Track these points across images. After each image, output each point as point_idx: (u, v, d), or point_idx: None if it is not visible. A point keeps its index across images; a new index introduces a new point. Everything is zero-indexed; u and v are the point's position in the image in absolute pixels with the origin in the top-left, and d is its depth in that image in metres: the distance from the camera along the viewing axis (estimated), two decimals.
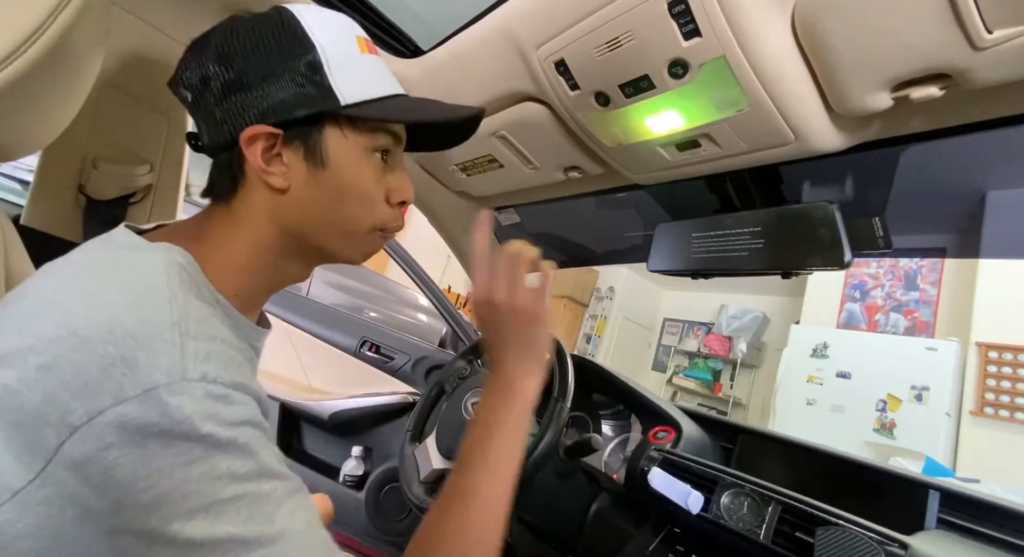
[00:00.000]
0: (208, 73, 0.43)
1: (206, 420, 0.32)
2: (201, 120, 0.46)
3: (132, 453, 0.30)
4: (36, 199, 0.83)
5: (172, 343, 0.33)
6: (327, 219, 0.46)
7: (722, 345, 5.23)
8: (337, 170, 0.45)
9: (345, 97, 0.44)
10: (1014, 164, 0.64)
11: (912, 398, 3.24)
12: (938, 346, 3.25)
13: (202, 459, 0.32)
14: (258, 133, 0.42)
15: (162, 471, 0.31)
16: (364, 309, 2.41)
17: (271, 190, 0.44)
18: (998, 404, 3.01)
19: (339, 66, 0.44)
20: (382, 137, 0.47)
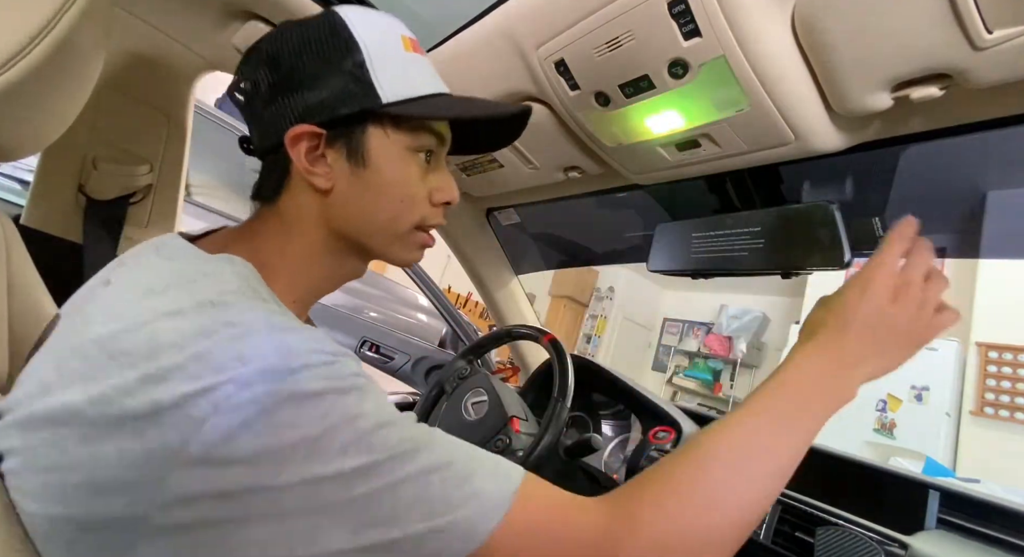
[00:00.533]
0: (257, 77, 0.44)
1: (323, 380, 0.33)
2: (252, 123, 0.47)
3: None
4: (36, 199, 0.83)
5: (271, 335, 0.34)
6: (370, 219, 0.46)
7: (722, 345, 5.23)
8: (379, 169, 0.45)
9: (387, 95, 0.43)
10: (1014, 164, 0.64)
11: (912, 398, 3.24)
12: (938, 346, 3.25)
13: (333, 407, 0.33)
14: (302, 132, 0.43)
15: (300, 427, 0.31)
16: (364, 309, 2.41)
17: (315, 191, 0.45)
18: (998, 404, 3.01)
19: (383, 64, 0.44)
20: (425, 136, 0.47)
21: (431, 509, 0.33)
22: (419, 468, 0.34)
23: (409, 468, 0.33)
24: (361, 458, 0.32)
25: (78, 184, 0.85)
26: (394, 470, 0.33)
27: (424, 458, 0.34)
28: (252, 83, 0.44)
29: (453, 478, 0.34)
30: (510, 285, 1.31)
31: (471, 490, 0.34)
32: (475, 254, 1.25)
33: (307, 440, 0.31)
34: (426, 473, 0.34)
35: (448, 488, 0.34)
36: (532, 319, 1.34)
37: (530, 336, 1.00)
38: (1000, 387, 3.03)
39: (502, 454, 0.85)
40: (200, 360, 0.31)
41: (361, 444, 0.32)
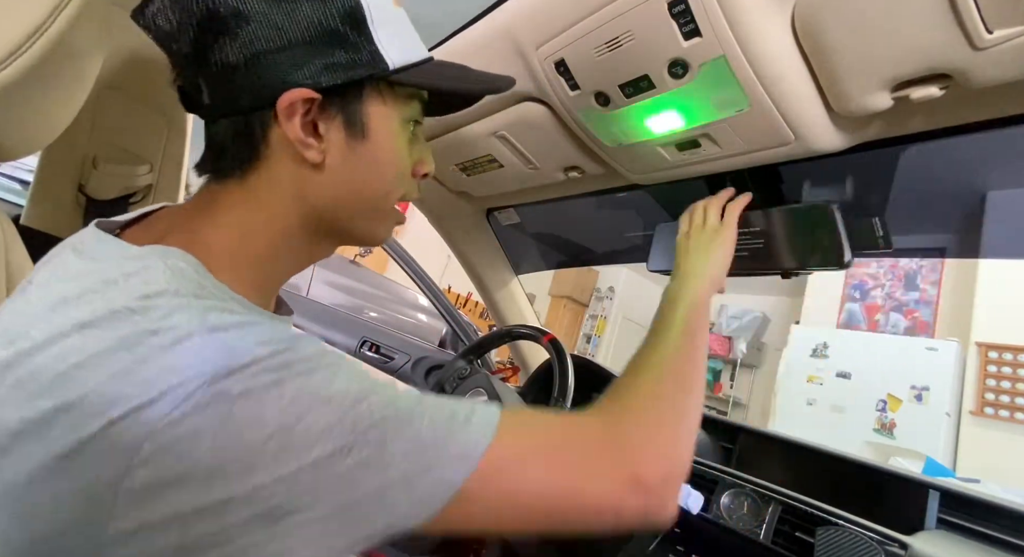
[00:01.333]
0: (217, 14, 0.34)
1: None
2: (204, 77, 0.37)
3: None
4: (36, 199, 0.83)
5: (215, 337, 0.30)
6: (360, 195, 0.41)
7: (722, 345, 5.23)
8: (378, 142, 0.40)
9: (393, 61, 0.38)
10: (1014, 164, 0.64)
11: (912, 398, 3.24)
12: (938, 346, 3.25)
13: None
14: (299, 97, 0.36)
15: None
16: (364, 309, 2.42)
17: (301, 164, 0.38)
18: (998, 404, 3.01)
19: (382, 22, 0.38)
20: (416, 106, 0.43)
21: (423, 453, 0.31)
22: (405, 426, 0.32)
23: (394, 430, 0.31)
24: (345, 438, 0.29)
25: (78, 184, 0.85)
26: (382, 437, 0.30)
27: (406, 416, 0.32)
28: (207, 18, 0.35)
29: (441, 419, 0.33)
30: (510, 285, 1.31)
31: (459, 423, 0.33)
32: (475, 254, 1.25)
33: (277, 434, 0.28)
34: (410, 423, 0.32)
35: (438, 430, 0.32)
36: (532, 319, 1.34)
37: (530, 336, 1.00)
38: (1000, 387, 3.03)
39: None
40: (121, 379, 0.27)
41: (344, 423, 0.29)
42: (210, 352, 0.29)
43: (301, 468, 0.28)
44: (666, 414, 0.44)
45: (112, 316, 0.29)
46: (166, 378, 0.27)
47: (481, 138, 0.84)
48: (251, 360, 0.29)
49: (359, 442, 0.29)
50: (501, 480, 0.33)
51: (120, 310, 0.29)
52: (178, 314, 0.30)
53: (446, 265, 4.19)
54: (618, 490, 0.37)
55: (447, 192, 1.10)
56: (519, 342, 1.29)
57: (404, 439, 0.31)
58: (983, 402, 3.06)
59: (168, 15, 0.36)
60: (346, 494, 0.29)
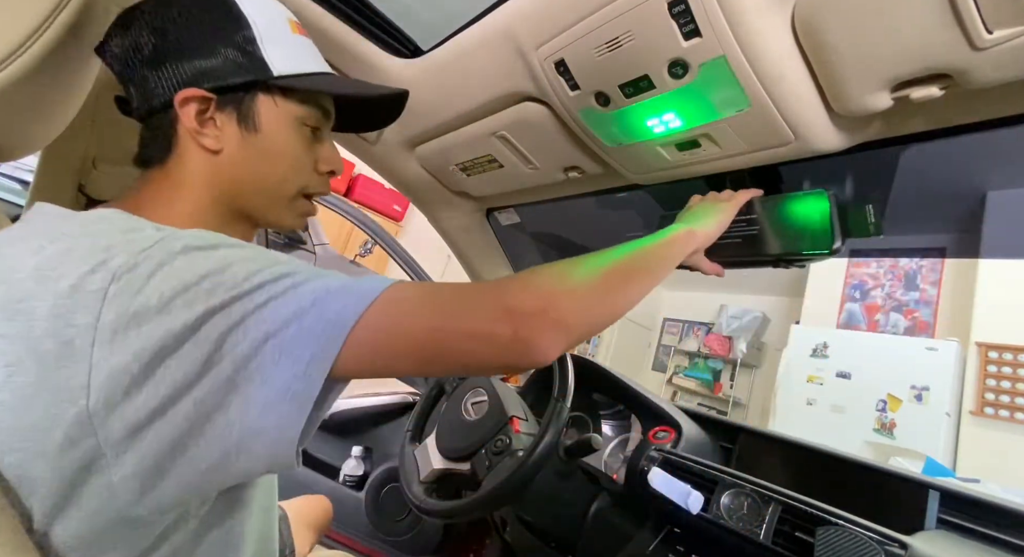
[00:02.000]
0: (140, 41, 0.46)
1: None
2: (132, 86, 0.48)
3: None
4: (36, 199, 0.83)
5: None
6: (258, 181, 0.49)
7: (722, 345, 5.23)
8: (268, 135, 0.48)
9: (277, 69, 0.47)
10: (1014, 164, 0.64)
11: (912, 398, 3.24)
12: (938, 346, 3.25)
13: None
14: (192, 96, 0.45)
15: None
16: None
17: (204, 151, 0.47)
18: (998, 404, 3.01)
19: (272, 41, 0.48)
20: (311, 109, 0.51)
21: (328, 288, 0.38)
22: (315, 278, 0.39)
23: (304, 278, 0.38)
24: (263, 279, 0.36)
25: (78, 184, 0.85)
26: (296, 281, 0.38)
27: (316, 273, 0.39)
28: (133, 45, 0.46)
29: (344, 275, 0.40)
30: None
31: (362, 276, 0.41)
32: (475, 254, 1.25)
33: (209, 276, 0.35)
34: (320, 276, 0.39)
35: (344, 279, 0.39)
36: None
37: None
38: (1000, 387, 3.03)
39: (502, 454, 0.85)
40: (88, 250, 0.35)
41: (263, 272, 0.37)
42: (159, 232, 0.37)
43: (228, 299, 0.35)
44: (569, 275, 0.46)
45: (79, 227, 0.38)
46: (121, 241, 0.36)
47: (481, 138, 0.84)
48: (189, 234, 0.38)
49: (277, 281, 0.37)
50: (386, 317, 0.39)
51: (85, 224, 0.39)
52: (131, 219, 0.39)
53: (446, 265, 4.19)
54: (490, 317, 0.40)
55: (447, 192, 1.10)
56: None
57: (313, 283, 0.38)
58: (983, 402, 3.06)
59: (115, 44, 0.47)
60: (268, 323, 0.36)
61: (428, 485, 0.92)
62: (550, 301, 0.42)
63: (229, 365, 0.35)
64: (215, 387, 0.34)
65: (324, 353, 0.36)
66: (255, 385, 0.35)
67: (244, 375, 0.35)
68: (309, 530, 0.96)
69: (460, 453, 0.90)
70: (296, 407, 0.36)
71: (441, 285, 0.43)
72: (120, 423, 0.33)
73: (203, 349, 0.34)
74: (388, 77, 0.82)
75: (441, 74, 0.79)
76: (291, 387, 0.36)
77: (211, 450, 0.35)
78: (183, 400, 0.34)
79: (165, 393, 0.34)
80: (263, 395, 0.35)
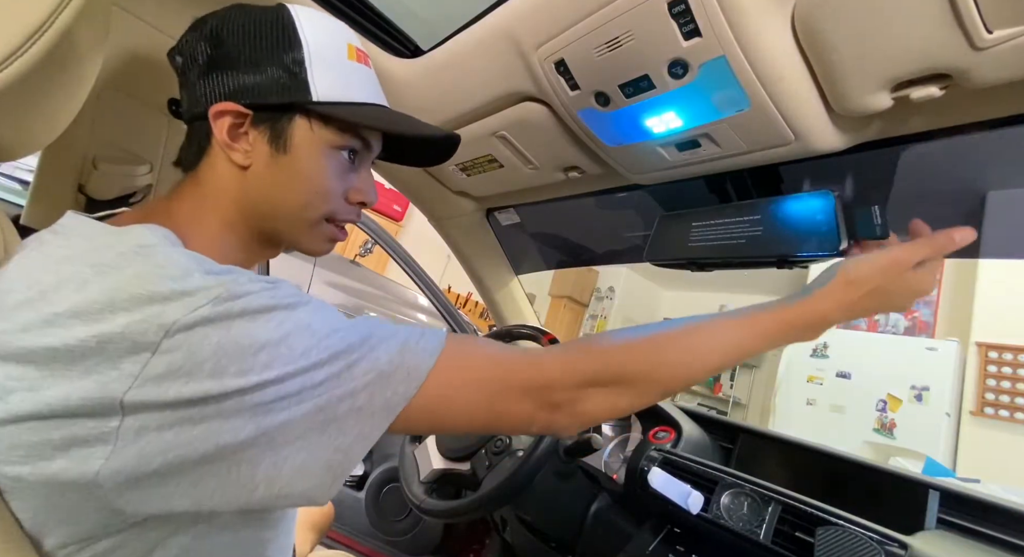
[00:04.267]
0: (197, 49, 0.47)
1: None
2: (184, 90, 0.49)
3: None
4: (36, 199, 0.83)
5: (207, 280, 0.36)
6: (281, 202, 0.48)
7: None
8: (297, 158, 0.47)
9: (320, 94, 0.46)
10: (1014, 164, 0.64)
11: (912, 398, 3.24)
12: (938, 346, 3.25)
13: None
14: (227, 109, 0.45)
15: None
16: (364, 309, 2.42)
17: (233, 166, 0.47)
18: (998, 404, 3.01)
19: (322, 65, 0.47)
20: (351, 139, 0.49)
21: (381, 369, 0.38)
22: (368, 352, 0.39)
23: (361, 353, 0.38)
24: (319, 357, 0.36)
25: (78, 184, 0.85)
26: (350, 360, 0.38)
27: (373, 342, 0.39)
28: (191, 53, 0.47)
29: (395, 346, 0.40)
30: (510, 285, 1.31)
31: (411, 347, 0.41)
32: (475, 254, 1.25)
33: (267, 347, 0.34)
34: (374, 350, 0.39)
35: (392, 352, 0.39)
36: (532, 319, 1.34)
37: (530, 336, 1.00)
38: (1000, 387, 3.03)
39: (502, 454, 0.85)
40: (133, 296, 0.33)
41: (320, 347, 0.37)
42: (212, 283, 0.35)
43: (284, 374, 0.35)
44: (613, 362, 0.47)
45: (120, 257, 0.35)
46: (178, 297, 0.33)
47: (481, 138, 0.84)
48: (246, 292, 0.36)
49: (330, 362, 0.37)
50: (433, 405, 0.41)
51: (126, 253, 0.36)
52: (178, 257, 0.36)
53: (446, 265, 4.19)
54: (530, 413, 0.44)
55: (447, 192, 1.10)
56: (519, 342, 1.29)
57: (367, 362, 0.38)
58: (983, 402, 3.06)
59: (181, 47, 0.49)
60: (321, 398, 0.36)
61: (428, 485, 0.92)
62: (583, 397, 0.45)
63: (273, 427, 0.34)
64: (249, 442, 0.34)
65: (371, 433, 0.38)
66: (294, 448, 0.35)
67: (284, 438, 0.35)
68: (309, 530, 0.96)
69: (460, 453, 0.90)
70: (331, 478, 0.37)
71: (485, 365, 0.44)
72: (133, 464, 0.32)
73: (246, 413, 0.34)
74: (388, 77, 0.82)
75: (441, 74, 0.79)
76: (331, 459, 0.36)
77: (226, 496, 0.35)
78: (205, 446, 0.33)
79: (188, 441, 0.33)
80: (300, 460, 0.35)
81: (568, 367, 0.46)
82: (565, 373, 0.45)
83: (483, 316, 4.69)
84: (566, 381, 0.45)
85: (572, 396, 0.45)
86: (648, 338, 0.48)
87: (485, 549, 1.38)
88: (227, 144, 0.46)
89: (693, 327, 0.50)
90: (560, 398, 0.45)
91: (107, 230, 0.40)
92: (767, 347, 0.51)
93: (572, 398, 0.45)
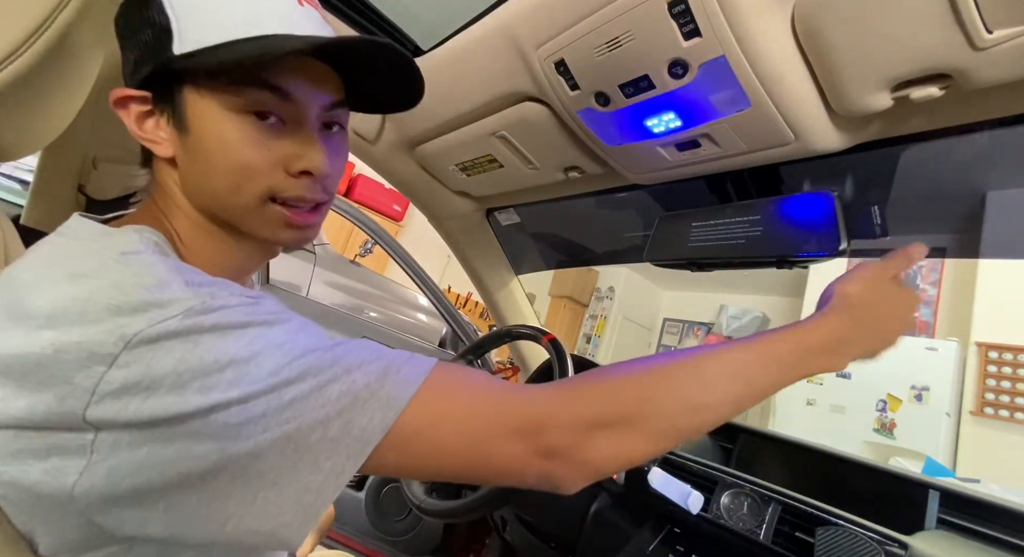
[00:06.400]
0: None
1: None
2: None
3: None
4: (36, 199, 0.83)
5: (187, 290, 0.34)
6: (210, 190, 0.41)
7: None
8: (201, 135, 0.39)
9: (184, 43, 0.36)
10: (1014, 164, 0.64)
11: (912, 398, 3.24)
12: (938, 346, 3.25)
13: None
14: (124, 96, 0.39)
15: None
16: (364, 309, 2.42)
17: (162, 160, 0.42)
18: (998, 404, 3.01)
19: (186, 4, 0.37)
20: (252, 93, 0.38)
21: (357, 393, 0.34)
22: (343, 375, 0.34)
23: (334, 374, 0.34)
24: (288, 376, 0.33)
25: (78, 184, 0.85)
26: (322, 380, 0.34)
27: (350, 363, 0.35)
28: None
29: (376, 371, 0.35)
30: (510, 285, 1.31)
31: (393, 372, 0.36)
32: (475, 254, 1.25)
33: (233, 364, 0.31)
34: (349, 373, 0.35)
35: (371, 376, 0.35)
36: (532, 319, 1.34)
37: (530, 336, 1.00)
38: (1000, 387, 3.03)
39: None
40: (109, 309, 0.31)
41: (292, 366, 0.33)
42: (188, 295, 0.33)
43: (249, 394, 0.31)
44: (618, 396, 0.40)
45: (100, 265, 0.33)
46: (149, 306, 0.31)
47: (481, 138, 0.84)
48: (222, 305, 0.33)
49: (299, 381, 0.33)
50: (413, 440, 0.36)
51: (106, 261, 0.33)
52: (159, 265, 0.34)
53: (446, 265, 4.19)
54: (519, 459, 0.38)
55: (447, 192, 1.10)
56: (519, 342, 1.29)
57: (340, 383, 0.34)
58: (983, 402, 3.06)
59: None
60: (290, 424, 0.32)
61: (428, 485, 0.92)
62: (586, 440, 0.38)
63: (243, 455, 0.31)
64: (216, 469, 0.31)
65: (344, 469, 0.34)
66: (265, 482, 0.32)
67: (254, 469, 0.32)
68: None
69: None
70: (302, 518, 0.33)
71: (472, 398, 0.38)
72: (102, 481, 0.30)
73: (212, 437, 0.31)
74: None
75: (441, 74, 0.79)
76: (302, 499, 0.33)
77: (198, 528, 0.32)
78: (173, 471, 0.31)
79: (157, 464, 0.30)
80: (271, 496, 0.32)
81: (566, 402, 0.39)
82: (562, 408, 0.38)
83: (483, 316, 4.69)
84: (563, 419, 0.38)
85: (573, 440, 0.38)
86: (655, 369, 0.42)
87: (485, 549, 1.38)
88: (139, 136, 0.40)
89: (702, 357, 0.43)
90: (558, 442, 0.38)
91: (101, 232, 0.38)
92: (790, 377, 0.45)
93: (573, 443, 0.38)
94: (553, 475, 0.38)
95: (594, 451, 0.39)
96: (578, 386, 0.41)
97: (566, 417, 0.38)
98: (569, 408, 0.39)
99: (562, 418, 0.38)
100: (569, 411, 0.39)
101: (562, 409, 0.39)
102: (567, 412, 0.38)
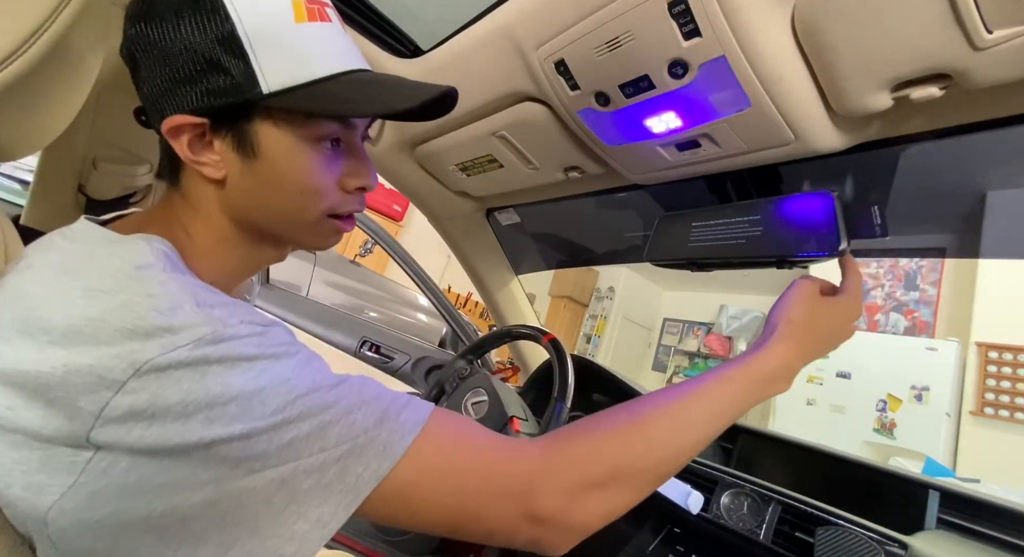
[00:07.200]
0: (132, 47, 0.40)
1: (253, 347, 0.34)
2: (140, 96, 0.43)
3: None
4: (36, 199, 0.83)
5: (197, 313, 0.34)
6: (271, 210, 0.43)
7: (722, 345, 5.23)
8: (273, 161, 0.41)
9: (271, 83, 0.38)
10: (1014, 164, 0.64)
11: (912, 398, 3.24)
12: (938, 346, 3.25)
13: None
14: (179, 124, 0.39)
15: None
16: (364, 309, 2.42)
17: (209, 181, 0.42)
18: (998, 404, 3.01)
19: (265, 45, 0.38)
20: (325, 125, 0.42)
21: (355, 438, 0.35)
22: (343, 416, 0.35)
23: (334, 416, 0.35)
24: (292, 415, 0.33)
25: (78, 184, 0.85)
26: (322, 421, 0.34)
27: (351, 404, 0.36)
28: (130, 52, 0.40)
29: (373, 413, 0.36)
30: (510, 285, 1.31)
31: (391, 418, 0.36)
32: (475, 254, 1.25)
33: (239, 398, 0.32)
34: (348, 414, 0.35)
35: (369, 421, 0.35)
36: (532, 319, 1.34)
37: (530, 336, 1.00)
38: (1000, 387, 3.03)
39: None
40: (122, 332, 0.31)
41: (295, 404, 0.33)
42: (200, 320, 0.33)
43: (252, 430, 0.32)
44: (606, 455, 0.41)
45: (113, 280, 0.33)
46: (161, 332, 0.31)
47: (481, 138, 0.84)
48: (232, 336, 0.33)
49: (300, 420, 0.33)
50: (405, 493, 0.36)
51: (120, 277, 0.34)
52: (170, 284, 0.34)
53: (446, 265, 4.20)
54: (509, 519, 0.38)
55: (447, 192, 1.10)
56: (519, 342, 1.29)
57: (339, 426, 0.34)
58: (983, 402, 3.06)
59: (124, 48, 0.42)
60: (285, 467, 0.32)
61: None
62: (575, 503, 0.39)
63: (235, 494, 0.31)
64: (204, 506, 0.31)
65: (333, 517, 0.33)
66: (245, 530, 0.32)
67: (238, 516, 0.32)
68: None
69: None
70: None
71: (467, 454, 0.38)
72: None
73: (209, 470, 0.31)
74: None
75: (441, 74, 0.79)
76: (283, 550, 0.32)
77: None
78: (160, 509, 0.30)
79: (144, 494, 0.30)
80: (250, 546, 0.32)
81: (556, 463, 0.39)
82: (552, 470, 0.39)
83: (483, 316, 4.69)
84: (553, 483, 0.38)
85: (562, 506, 0.38)
86: (637, 420, 0.43)
87: (485, 549, 1.38)
88: (193, 160, 0.40)
89: (676, 400, 0.45)
90: (548, 506, 0.38)
91: (108, 239, 0.38)
92: (748, 408, 0.48)
93: (562, 508, 0.38)
94: (542, 541, 0.39)
95: (583, 512, 0.39)
96: (566, 445, 0.41)
97: (556, 481, 0.39)
98: (559, 470, 0.39)
99: (551, 482, 0.39)
100: (559, 473, 0.39)
101: (552, 471, 0.39)
102: (557, 475, 0.39)
